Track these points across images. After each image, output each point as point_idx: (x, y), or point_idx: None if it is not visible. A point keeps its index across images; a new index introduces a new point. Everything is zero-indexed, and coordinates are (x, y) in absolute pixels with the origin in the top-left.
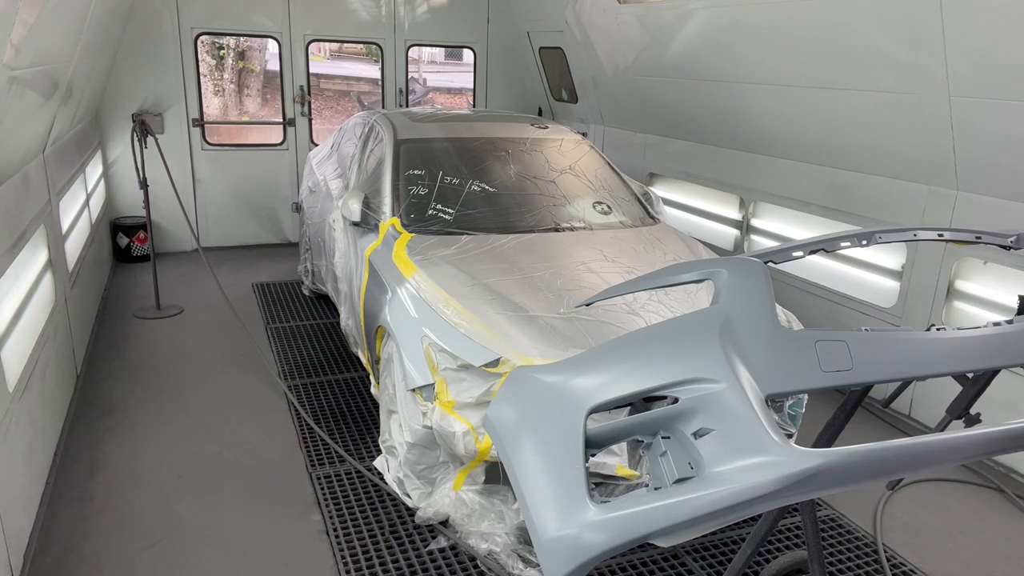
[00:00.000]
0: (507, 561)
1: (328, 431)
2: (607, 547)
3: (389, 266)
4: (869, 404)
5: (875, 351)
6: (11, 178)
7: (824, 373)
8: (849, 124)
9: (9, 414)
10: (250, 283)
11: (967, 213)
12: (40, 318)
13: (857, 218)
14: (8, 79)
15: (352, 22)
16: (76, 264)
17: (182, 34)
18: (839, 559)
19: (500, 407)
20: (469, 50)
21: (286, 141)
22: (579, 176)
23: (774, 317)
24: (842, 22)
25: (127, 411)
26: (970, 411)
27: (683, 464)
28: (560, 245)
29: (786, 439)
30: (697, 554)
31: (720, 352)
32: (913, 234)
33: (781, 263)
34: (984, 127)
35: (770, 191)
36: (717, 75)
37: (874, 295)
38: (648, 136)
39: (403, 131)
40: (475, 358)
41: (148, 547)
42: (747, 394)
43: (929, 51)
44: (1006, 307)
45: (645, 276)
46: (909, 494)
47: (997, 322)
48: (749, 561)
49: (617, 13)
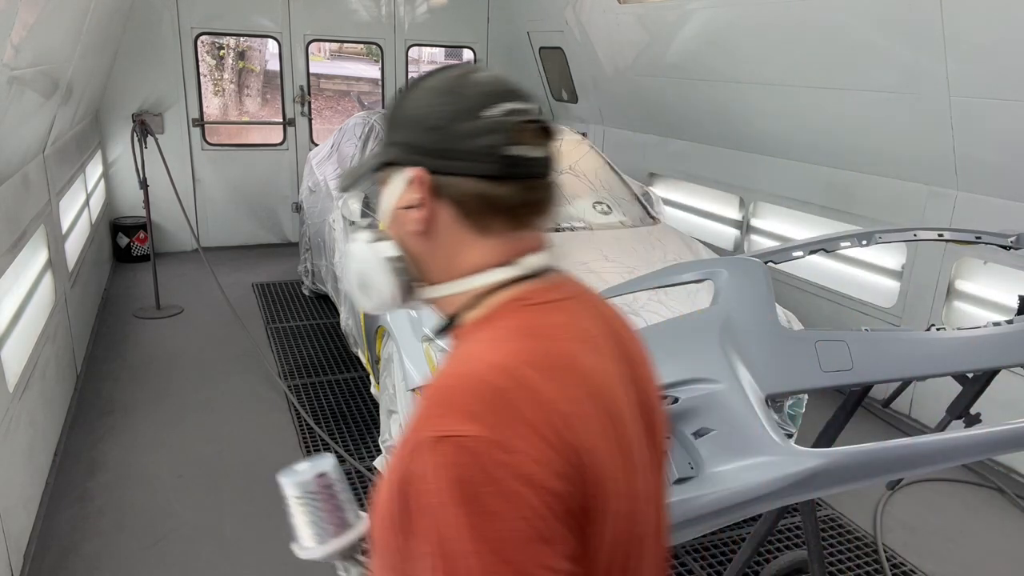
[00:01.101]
0: None
1: (328, 431)
2: None
3: None
4: (869, 404)
5: (875, 351)
6: (11, 178)
7: (824, 373)
8: (849, 124)
9: (9, 414)
10: (250, 283)
11: (967, 213)
12: (40, 318)
13: (857, 218)
14: (8, 79)
15: (352, 22)
16: (76, 264)
17: (182, 34)
18: (839, 559)
19: None
20: (469, 50)
21: (286, 141)
22: (579, 176)
23: (774, 317)
24: (842, 22)
25: (127, 411)
26: (970, 411)
27: (683, 464)
28: (560, 245)
29: (786, 439)
30: (697, 554)
31: (720, 352)
32: (913, 234)
33: (781, 263)
34: (984, 127)
35: (770, 191)
36: (717, 75)
37: (874, 295)
38: (648, 136)
39: None
40: None
41: (148, 547)
42: (747, 394)
43: (929, 51)
44: (1006, 307)
45: (645, 276)
46: (909, 494)
47: (997, 322)
48: (749, 561)
49: (617, 13)
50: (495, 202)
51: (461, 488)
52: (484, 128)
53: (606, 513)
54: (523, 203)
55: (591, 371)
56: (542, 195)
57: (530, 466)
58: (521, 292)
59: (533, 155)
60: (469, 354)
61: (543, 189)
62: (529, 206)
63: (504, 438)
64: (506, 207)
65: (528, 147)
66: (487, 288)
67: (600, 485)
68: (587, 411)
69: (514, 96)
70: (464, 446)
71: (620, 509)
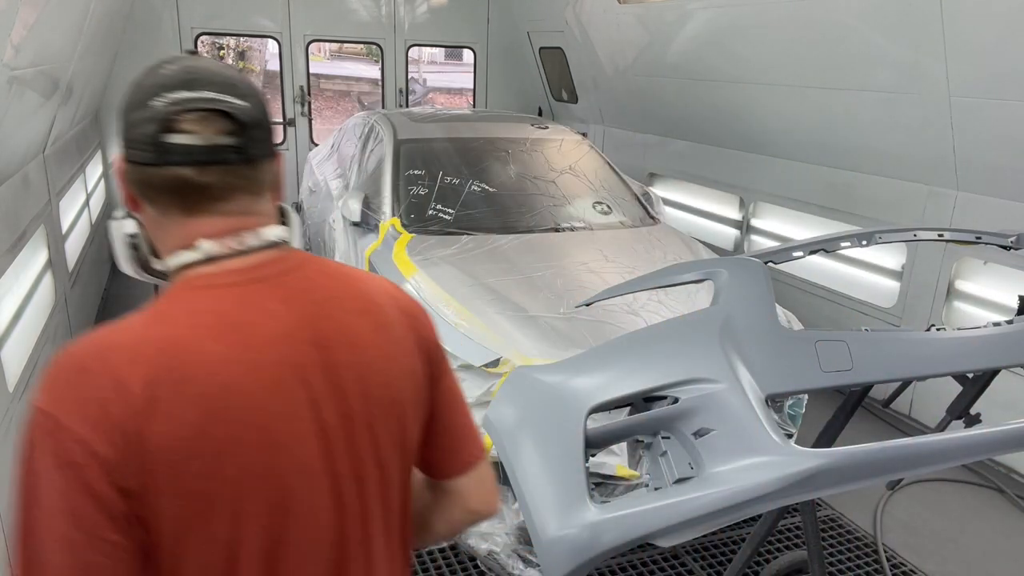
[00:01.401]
0: (507, 561)
1: None
2: (607, 547)
3: (389, 266)
4: (869, 404)
5: (875, 351)
6: (11, 178)
7: (824, 373)
8: (849, 124)
9: (9, 414)
10: None
11: (967, 213)
12: (40, 318)
13: (857, 218)
14: (8, 79)
15: (352, 22)
16: (76, 264)
17: (182, 34)
18: (839, 559)
19: (500, 407)
20: (469, 50)
21: (286, 141)
22: (579, 176)
23: (774, 317)
24: (842, 22)
25: None
26: (970, 411)
27: (683, 464)
28: (560, 245)
29: (786, 439)
30: (697, 554)
31: (720, 352)
32: (913, 234)
33: (781, 263)
34: (984, 127)
35: (770, 191)
36: (717, 75)
37: (874, 295)
38: (648, 136)
39: (403, 131)
40: (475, 358)
41: None
42: (747, 394)
43: (929, 51)
44: (1006, 307)
45: (645, 276)
46: (909, 494)
47: (997, 322)
48: (749, 561)
49: (617, 13)
50: (156, 187)
51: (24, 451)
52: (145, 117)
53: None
54: (189, 188)
55: (210, 358)
56: (214, 180)
57: (70, 445)
58: (193, 275)
59: (191, 143)
60: (102, 331)
61: (217, 174)
62: (200, 191)
63: (59, 414)
64: (170, 192)
65: (187, 135)
66: (177, 268)
67: (174, 467)
68: (180, 397)
69: (193, 85)
70: (34, 414)
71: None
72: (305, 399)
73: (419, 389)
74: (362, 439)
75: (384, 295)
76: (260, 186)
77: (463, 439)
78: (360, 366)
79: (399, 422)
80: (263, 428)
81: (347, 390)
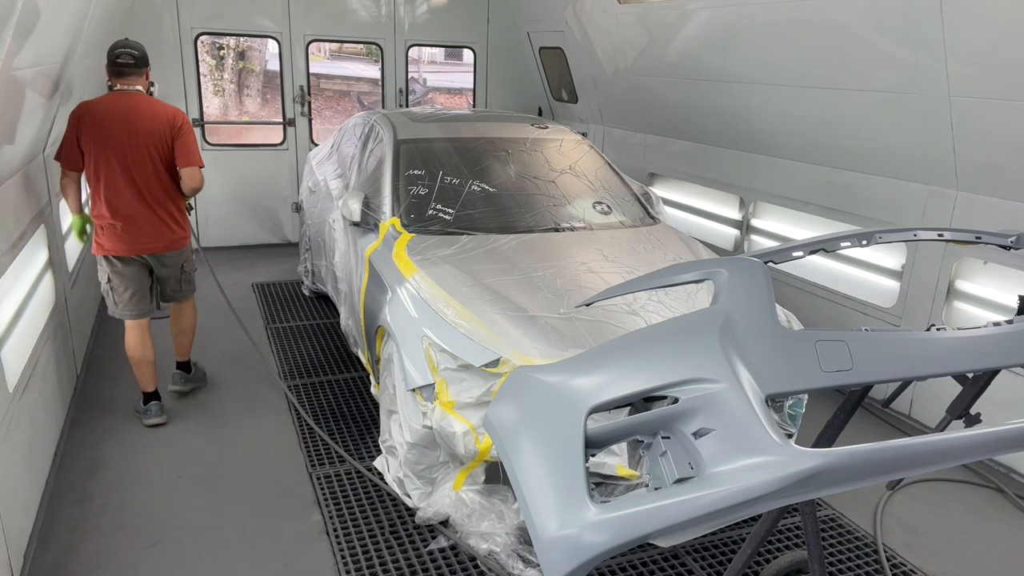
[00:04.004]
0: (507, 561)
1: (328, 431)
2: (607, 547)
3: (389, 266)
4: (869, 404)
5: (875, 351)
6: (11, 178)
7: (824, 373)
8: (849, 124)
9: (9, 414)
10: (250, 283)
11: (967, 213)
12: (40, 318)
13: (857, 218)
14: (8, 79)
15: (352, 22)
16: (76, 264)
17: (182, 34)
18: (839, 559)
19: (500, 407)
20: (469, 50)
21: (286, 141)
22: (579, 176)
23: (774, 317)
24: (842, 22)
25: (127, 411)
26: (970, 411)
27: (683, 464)
28: (560, 245)
29: (786, 439)
30: (697, 554)
31: (720, 352)
32: (913, 234)
33: (781, 263)
34: (984, 127)
35: (770, 191)
36: (717, 75)
37: (874, 295)
38: (648, 136)
39: (403, 131)
40: (475, 358)
41: (148, 547)
42: (747, 394)
43: (929, 51)
44: (1006, 307)
45: (645, 276)
46: (909, 494)
47: (997, 322)
48: (749, 561)
49: (617, 13)
50: (110, 67)
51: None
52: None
53: (93, 141)
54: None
55: (103, 108)
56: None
57: (72, 120)
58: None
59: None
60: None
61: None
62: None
63: (71, 116)
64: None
65: (121, 58)
66: (110, 89)
67: (89, 131)
68: (91, 115)
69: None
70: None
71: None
72: (124, 127)
73: (167, 136)
74: (141, 144)
75: (162, 109)
76: (139, 77)
77: (183, 157)
78: (140, 123)
79: (156, 143)
80: (111, 129)
81: (136, 129)
